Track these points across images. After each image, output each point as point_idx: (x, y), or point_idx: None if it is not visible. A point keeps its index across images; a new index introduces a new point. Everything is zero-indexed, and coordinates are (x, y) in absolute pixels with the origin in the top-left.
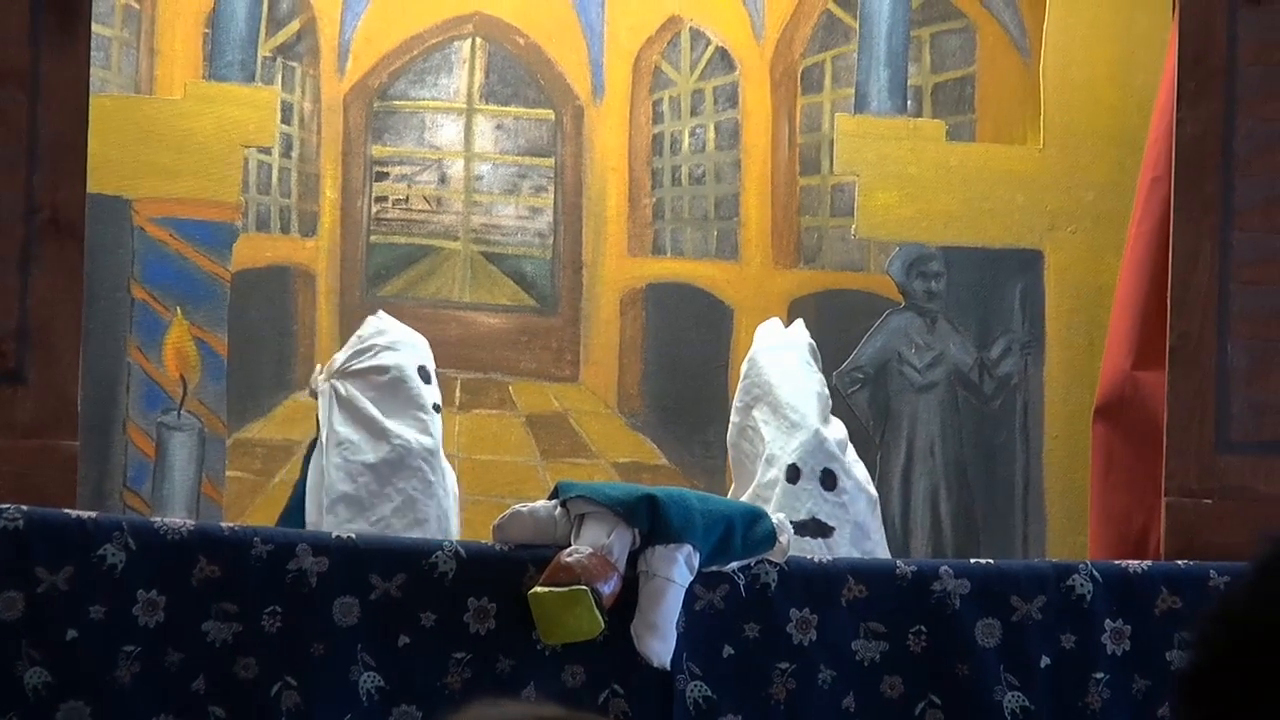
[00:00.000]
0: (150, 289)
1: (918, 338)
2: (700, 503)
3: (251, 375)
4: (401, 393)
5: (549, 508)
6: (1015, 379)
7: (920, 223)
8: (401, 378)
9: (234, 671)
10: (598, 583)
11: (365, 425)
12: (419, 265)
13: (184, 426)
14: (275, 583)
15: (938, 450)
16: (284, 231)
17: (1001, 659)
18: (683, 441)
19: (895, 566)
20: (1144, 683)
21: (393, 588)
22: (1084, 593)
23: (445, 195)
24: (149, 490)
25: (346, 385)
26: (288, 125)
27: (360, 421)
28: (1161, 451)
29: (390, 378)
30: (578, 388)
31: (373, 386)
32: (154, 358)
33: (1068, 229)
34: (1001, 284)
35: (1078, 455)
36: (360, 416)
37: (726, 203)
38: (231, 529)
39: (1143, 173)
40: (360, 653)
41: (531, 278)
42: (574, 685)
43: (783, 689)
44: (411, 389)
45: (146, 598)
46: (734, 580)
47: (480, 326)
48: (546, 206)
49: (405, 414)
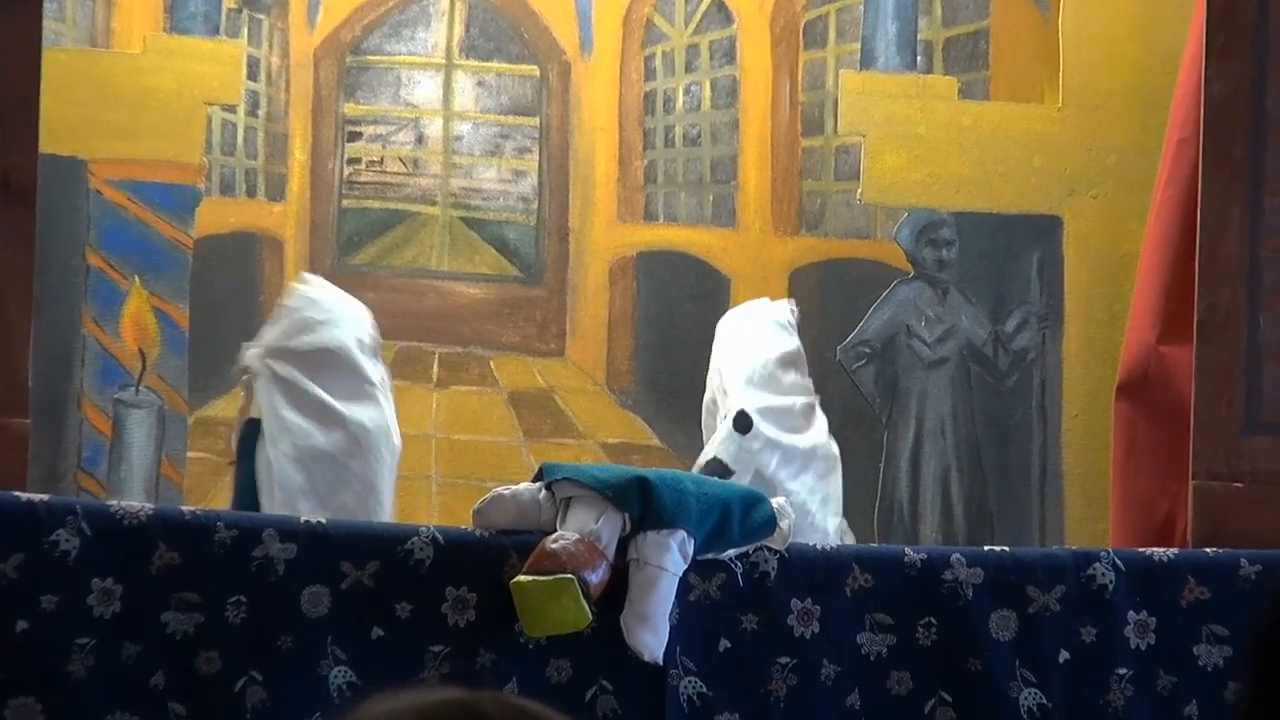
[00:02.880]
0: (107, 256)
1: (927, 310)
2: (695, 486)
3: (215, 349)
4: (346, 371)
5: (533, 491)
6: (1032, 354)
7: (930, 187)
8: (345, 355)
9: (195, 666)
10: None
11: (314, 410)
12: (394, 232)
13: (142, 403)
14: (239, 571)
15: (949, 430)
16: (250, 195)
17: (1017, 653)
18: (676, 421)
19: (904, 554)
20: (1169, 679)
21: (365, 576)
22: (1105, 583)
23: (422, 157)
24: (105, 472)
25: (285, 366)
26: (254, 82)
27: (308, 406)
28: (1188, 431)
29: (332, 357)
30: (564, 363)
31: (314, 366)
32: (111, 330)
33: (1088, 194)
34: (1017, 252)
35: (1098, 435)
36: (308, 401)
37: (723, 165)
38: (193, 513)
39: (1168, 134)
40: (330, 645)
41: (514, 245)
42: (559, 681)
43: (782, 685)
44: (357, 365)
45: (102, 587)
46: (731, 569)
47: (459, 297)
48: (530, 169)
49: (354, 393)
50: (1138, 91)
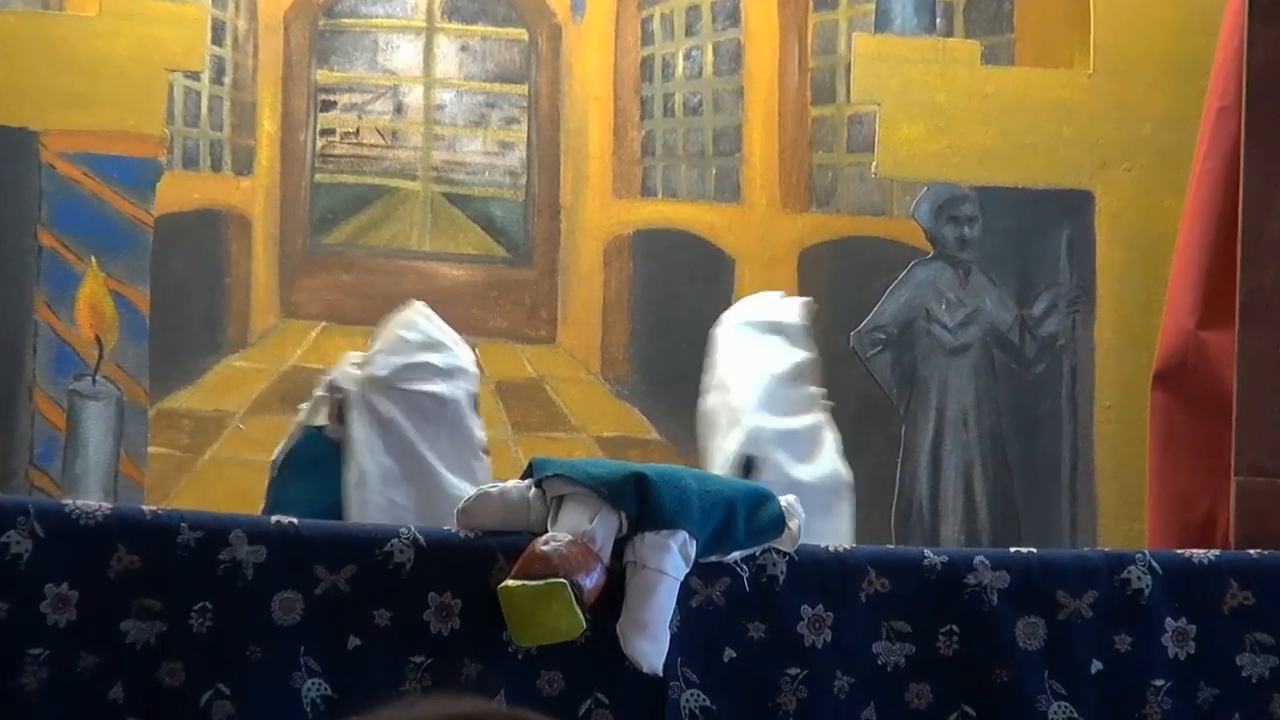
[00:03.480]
0: (60, 235)
1: (948, 292)
2: (697, 483)
3: (178, 336)
4: (457, 431)
5: (522, 489)
6: (1061, 340)
7: (951, 159)
8: (458, 413)
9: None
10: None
11: (415, 464)
12: (371, 209)
13: (100, 395)
14: (205, 575)
15: (971, 422)
16: (215, 169)
17: (1046, 664)
18: (676, 412)
19: (923, 557)
20: (1211, 691)
21: (341, 581)
22: (1141, 587)
23: (401, 128)
24: (59, 469)
25: (389, 405)
26: (219, 47)
27: (408, 458)
28: (1230, 423)
29: (445, 411)
30: (555, 350)
31: (423, 417)
32: (65, 315)
33: (1121, 166)
34: (1045, 230)
35: (1133, 428)
36: (409, 452)
37: (727, 137)
38: (154, 513)
39: (1208, 101)
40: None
41: (501, 223)
42: (551, 694)
43: (792, 698)
44: (467, 428)
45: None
46: (736, 572)
47: (442, 279)
48: (518, 141)
49: (460, 458)
50: (1175, 55)
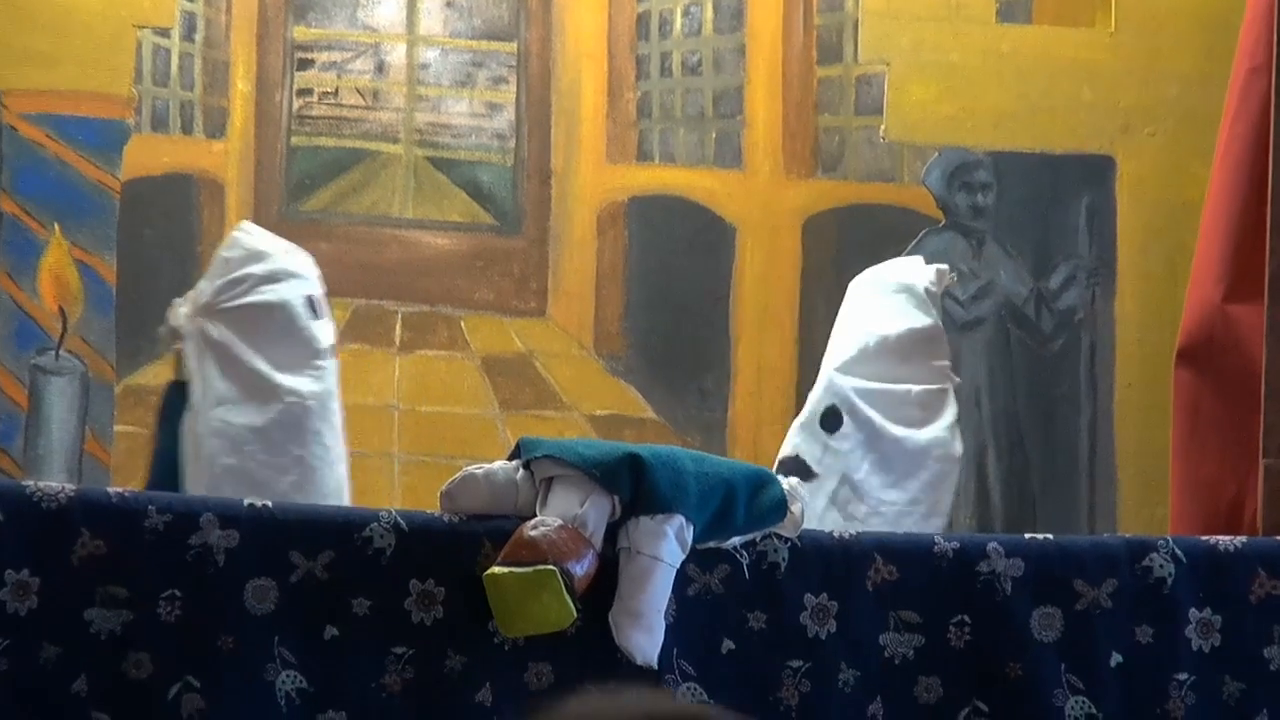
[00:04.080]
0: (22, 201)
1: (961, 263)
2: (694, 464)
3: (146, 307)
4: (290, 335)
5: (509, 470)
6: (1080, 314)
7: (964, 123)
8: (289, 316)
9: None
10: (568, 562)
11: (248, 379)
12: (351, 173)
13: (63, 370)
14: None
15: (985, 401)
16: (186, 132)
17: (1062, 656)
18: (674, 390)
19: (933, 543)
20: (1237, 685)
21: (318, 568)
22: (1163, 575)
23: (383, 88)
24: (20, 448)
25: (218, 327)
26: (190, 2)
27: (241, 374)
28: (1259, 403)
29: (274, 317)
30: (545, 323)
31: (251, 328)
32: (27, 286)
33: (1145, 131)
34: (1064, 198)
35: (1156, 408)
36: (240, 368)
37: (727, 98)
38: (121, 495)
39: (1237, 62)
40: (278, 647)
41: (488, 189)
42: (539, 687)
43: (794, 692)
44: (301, 329)
45: (16, 579)
46: (735, 559)
47: (426, 249)
48: (507, 102)
49: (296, 361)
50: (1202, 13)
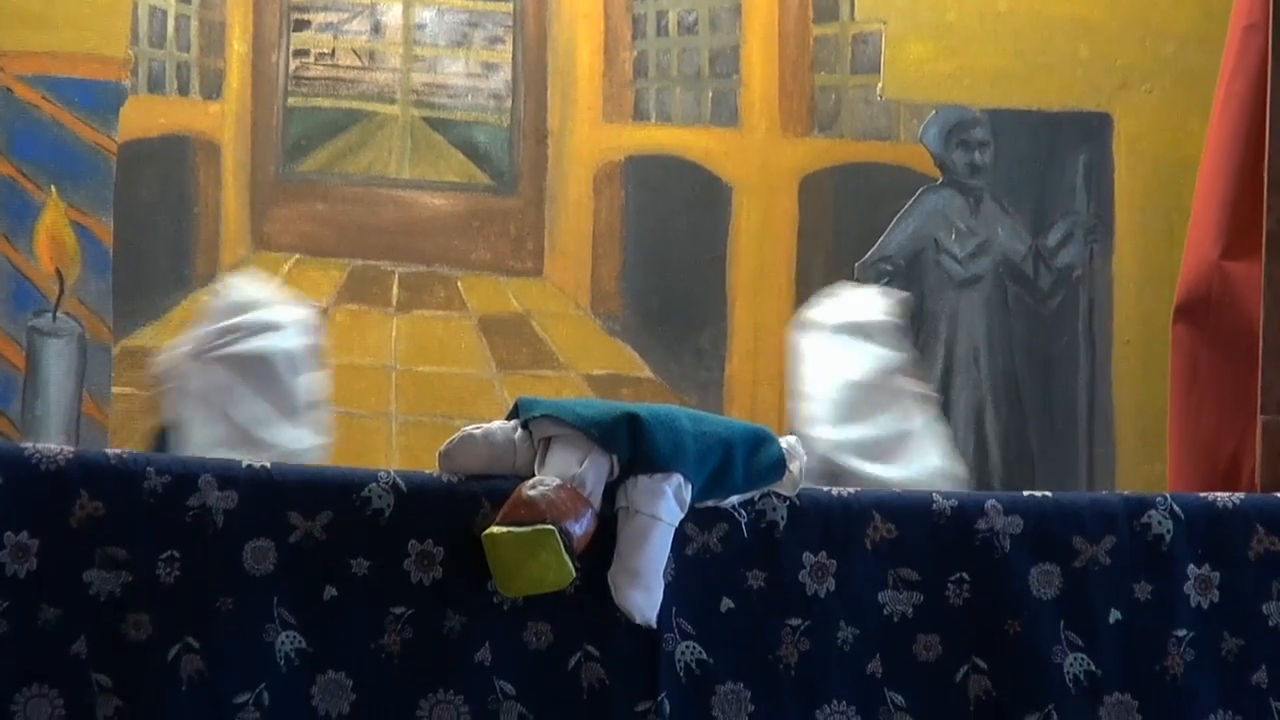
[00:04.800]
0: (19, 164)
1: (958, 221)
2: (692, 423)
3: (143, 269)
4: (276, 387)
5: (507, 430)
6: (1078, 272)
7: (961, 81)
8: (273, 370)
9: (122, 631)
10: (567, 521)
11: (230, 430)
12: (347, 134)
13: (61, 332)
14: (173, 523)
15: (983, 359)
16: (182, 93)
17: (1061, 614)
18: (670, 349)
19: (932, 501)
20: (1235, 642)
21: (316, 528)
22: (1162, 533)
23: (379, 48)
24: (18, 410)
25: (204, 375)
26: None
27: (224, 425)
28: (1257, 359)
29: (260, 368)
30: (541, 283)
31: (238, 378)
32: (24, 248)
33: (1142, 88)
34: (1061, 156)
35: (1154, 365)
36: (224, 419)
37: (724, 57)
38: (119, 456)
39: (1233, 19)
40: (277, 608)
41: (485, 149)
42: (538, 647)
43: (793, 650)
44: (288, 383)
45: (15, 541)
46: (734, 518)
47: (422, 209)
48: (503, 62)
49: (280, 414)
50: None
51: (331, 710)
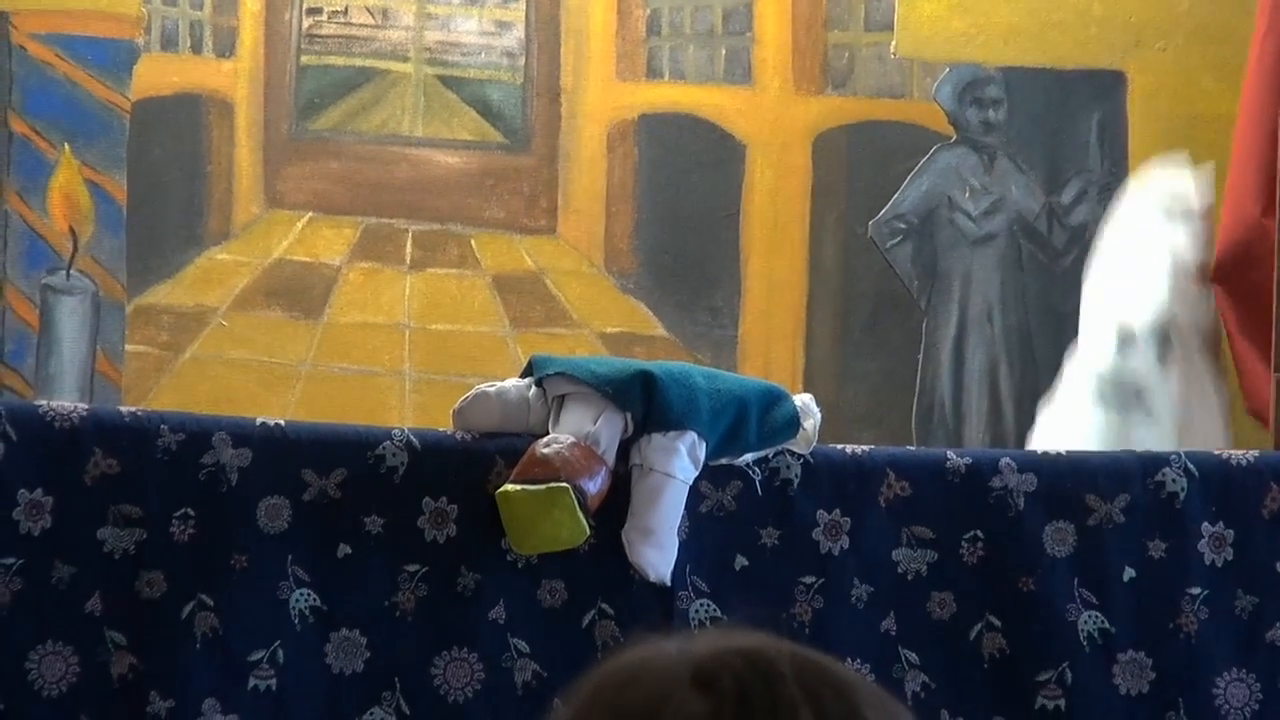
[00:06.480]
0: (32, 121)
1: (972, 179)
2: (706, 381)
3: (156, 227)
4: None
5: (521, 388)
6: (1091, 229)
7: (975, 38)
8: None
9: (137, 589)
10: (581, 479)
11: None
12: (360, 92)
13: (74, 289)
14: (187, 480)
15: (996, 317)
16: (195, 51)
17: (1075, 571)
18: (684, 307)
19: (946, 459)
20: (1250, 599)
21: (330, 486)
22: (1176, 490)
23: (393, 6)
24: (32, 367)
25: None
26: None
27: None
28: None
29: None
30: (555, 241)
31: None
32: (37, 205)
33: (1156, 45)
34: (1075, 113)
35: None
36: None
37: (737, 15)
38: (133, 414)
39: None
40: (291, 565)
41: (498, 107)
42: (552, 604)
43: (808, 608)
44: None
45: (29, 499)
46: (748, 476)
47: (436, 167)
48: (517, 20)
49: None
50: None
51: (346, 668)
